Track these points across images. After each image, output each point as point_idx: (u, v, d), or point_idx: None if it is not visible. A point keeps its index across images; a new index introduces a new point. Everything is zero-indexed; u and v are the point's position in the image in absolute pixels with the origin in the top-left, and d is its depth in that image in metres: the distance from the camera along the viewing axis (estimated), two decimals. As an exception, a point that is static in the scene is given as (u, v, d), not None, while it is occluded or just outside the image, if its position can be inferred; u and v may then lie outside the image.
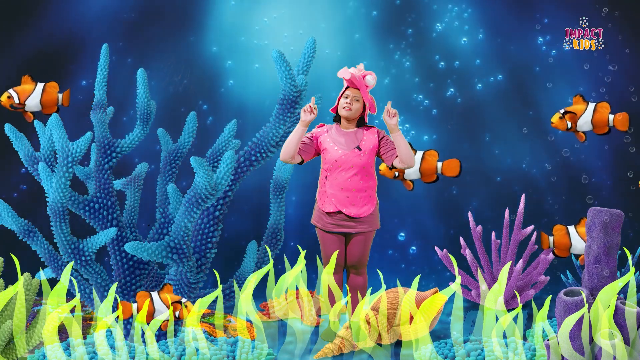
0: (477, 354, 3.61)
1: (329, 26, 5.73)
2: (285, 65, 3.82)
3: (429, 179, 4.45)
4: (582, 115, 4.35)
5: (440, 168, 4.41)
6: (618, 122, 4.34)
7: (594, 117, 4.34)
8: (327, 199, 4.02)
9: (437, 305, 3.80)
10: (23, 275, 3.45)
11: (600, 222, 3.27)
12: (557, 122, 4.40)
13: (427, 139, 5.75)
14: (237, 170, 3.95)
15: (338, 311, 3.90)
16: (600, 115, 4.35)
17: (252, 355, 3.65)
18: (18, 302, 3.40)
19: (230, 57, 5.73)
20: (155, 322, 3.61)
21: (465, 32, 5.71)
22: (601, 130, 4.38)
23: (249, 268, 4.21)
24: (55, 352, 3.50)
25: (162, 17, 5.69)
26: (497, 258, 4.66)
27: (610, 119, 4.35)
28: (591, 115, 4.34)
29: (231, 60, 5.73)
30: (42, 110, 4.10)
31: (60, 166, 3.78)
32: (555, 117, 4.41)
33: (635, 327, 3.19)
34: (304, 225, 4.33)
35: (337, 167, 4.00)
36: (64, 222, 3.81)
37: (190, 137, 4.14)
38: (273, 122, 3.95)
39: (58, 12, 5.58)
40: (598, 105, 4.35)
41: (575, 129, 4.38)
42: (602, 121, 4.35)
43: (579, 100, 4.39)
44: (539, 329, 3.61)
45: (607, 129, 4.38)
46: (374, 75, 3.98)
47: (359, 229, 4.03)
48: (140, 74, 3.98)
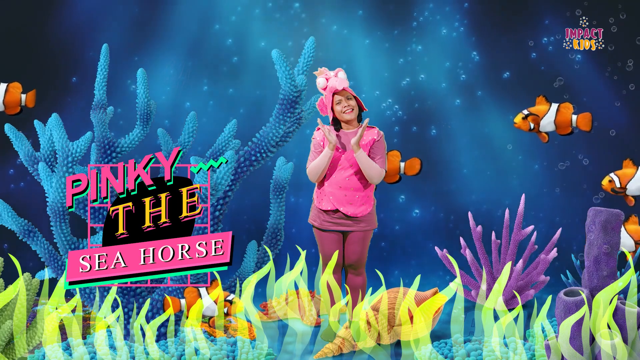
0: (477, 354, 3.61)
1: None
2: (285, 65, 3.82)
3: (564, 131, 4.42)
4: (545, 116, 4.35)
5: (575, 121, 4.37)
6: (581, 122, 4.34)
7: (556, 117, 4.35)
8: (325, 197, 4.02)
9: (437, 305, 3.80)
10: (23, 275, 3.45)
11: (600, 222, 3.27)
12: (519, 123, 4.40)
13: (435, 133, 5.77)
14: (237, 170, 3.95)
15: (338, 311, 3.90)
16: (563, 115, 4.35)
17: (252, 355, 3.65)
18: (18, 302, 3.40)
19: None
20: (155, 322, 3.62)
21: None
22: (564, 130, 4.39)
23: (249, 268, 4.21)
24: (55, 352, 3.50)
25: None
26: (497, 258, 4.66)
27: (574, 119, 4.35)
28: (554, 115, 4.34)
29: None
30: (5, 111, 4.09)
31: (60, 166, 3.79)
32: (518, 118, 4.41)
33: (635, 327, 3.19)
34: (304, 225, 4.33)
35: (336, 166, 4.00)
36: (64, 222, 3.82)
37: (190, 137, 4.14)
38: (273, 122, 3.95)
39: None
40: (561, 105, 4.36)
41: (538, 130, 4.38)
42: (565, 122, 4.36)
43: (542, 101, 4.40)
44: (539, 329, 3.61)
45: (570, 130, 4.39)
46: (342, 69, 4.02)
47: (357, 227, 4.04)
48: (140, 74, 3.98)
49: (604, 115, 5.20)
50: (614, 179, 4.45)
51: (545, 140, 4.42)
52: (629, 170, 4.44)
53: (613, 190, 4.44)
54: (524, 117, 4.36)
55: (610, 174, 4.48)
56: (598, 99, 5.45)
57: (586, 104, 5.28)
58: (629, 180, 4.40)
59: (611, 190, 4.46)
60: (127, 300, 3.83)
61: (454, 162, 5.78)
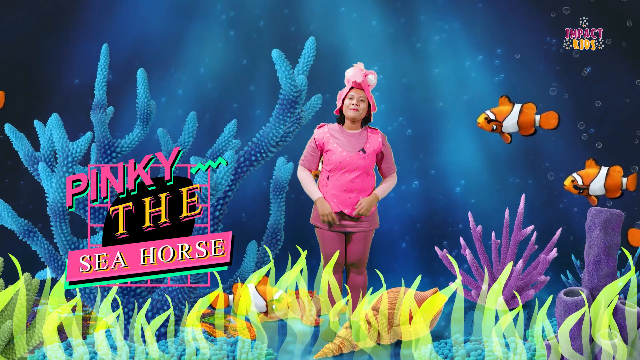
0: (477, 354, 3.61)
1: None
2: (285, 65, 3.82)
3: (527, 132, 4.44)
4: (507, 117, 4.35)
5: (538, 121, 4.38)
6: (545, 122, 4.35)
7: (519, 118, 4.35)
8: (329, 199, 4.02)
9: (437, 305, 3.80)
10: (23, 275, 3.45)
11: (600, 222, 3.27)
12: (482, 124, 4.40)
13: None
14: (237, 170, 3.95)
15: (338, 311, 3.90)
16: (526, 116, 4.35)
17: (252, 355, 3.65)
18: (18, 302, 3.41)
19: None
20: (155, 322, 3.62)
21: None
22: (527, 131, 4.40)
23: (249, 268, 4.21)
24: (55, 352, 3.50)
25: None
26: (497, 258, 4.66)
27: (537, 119, 4.35)
28: (517, 116, 4.35)
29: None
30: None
31: (60, 166, 3.79)
32: (481, 118, 4.41)
33: (635, 327, 3.19)
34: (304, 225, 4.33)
35: (341, 168, 4.00)
36: (64, 222, 3.82)
37: (190, 137, 4.14)
38: (273, 122, 3.95)
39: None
40: (524, 106, 4.36)
41: (501, 131, 4.39)
42: (528, 122, 4.37)
43: (505, 102, 4.40)
44: (539, 329, 3.61)
45: (534, 130, 4.40)
46: (375, 74, 4.00)
47: (359, 227, 4.04)
48: (140, 74, 3.99)
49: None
50: (576, 179, 4.46)
51: (507, 141, 4.43)
52: (592, 170, 4.47)
53: (576, 188, 4.46)
54: (486, 119, 4.36)
55: (573, 174, 4.51)
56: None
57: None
58: (592, 180, 4.42)
59: (574, 189, 4.47)
60: (127, 300, 3.83)
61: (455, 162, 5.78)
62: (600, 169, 4.47)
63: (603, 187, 4.46)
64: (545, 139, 5.66)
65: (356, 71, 3.96)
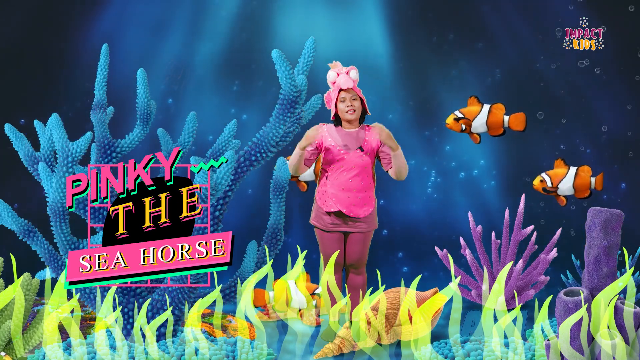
0: (477, 354, 3.61)
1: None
2: (285, 65, 3.81)
3: (496, 132, 4.44)
4: (476, 117, 4.35)
5: (507, 121, 4.38)
6: (513, 123, 4.35)
7: (488, 118, 4.35)
8: (328, 198, 4.02)
9: (437, 305, 3.80)
10: (23, 275, 3.45)
11: (600, 222, 3.27)
12: (451, 124, 4.40)
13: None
14: (237, 170, 3.95)
15: (338, 311, 3.90)
16: (495, 116, 4.36)
17: (252, 355, 3.65)
18: (18, 302, 3.40)
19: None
20: (155, 322, 3.61)
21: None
22: (496, 132, 4.40)
23: (249, 268, 4.20)
24: (55, 352, 3.50)
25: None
26: (497, 258, 4.66)
27: (506, 120, 4.35)
28: (486, 117, 4.35)
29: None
30: None
31: (60, 166, 3.79)
32: (450, 119, 4.41)
33: (635, 327, 3.19)
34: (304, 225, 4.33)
35: (339, 167, 4.01)
36: (64, 222, 3.82)
37: (190, 137, 4.14)
38: (273, 122, 3.95)
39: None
40: (493, 106, 4.37)
41: (470, 131, 4.39)
42: (497, 123, 4.37)
43: (474, 102, 4.40)
44: (539, 329, 3.61)
45: (503, 131, 4.40)
46: (355, 69, 4.00)
47: (358, 228, 4.04)
48: (140, 74, 3.98)
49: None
50: (545, 179, 4.46)
51: (477, 142, 4.43)
52: (561, 170, 4.47)
53: (544, 190, 4.46)
54: (455, 119, 4.37)
55: (542, 174, 4.51)
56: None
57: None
58: (561, 180, 4.43)
59: (542, 190, 4.47)
60: (127, 300, 3.83)
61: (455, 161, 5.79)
62: (569, 169, 4.47)
63: (572, 187, 4.46)
64: (546, 138, 5.67)
65: (344, 79, 3.95)
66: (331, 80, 4.01)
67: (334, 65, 4.02)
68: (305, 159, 4.05)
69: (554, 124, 5.64)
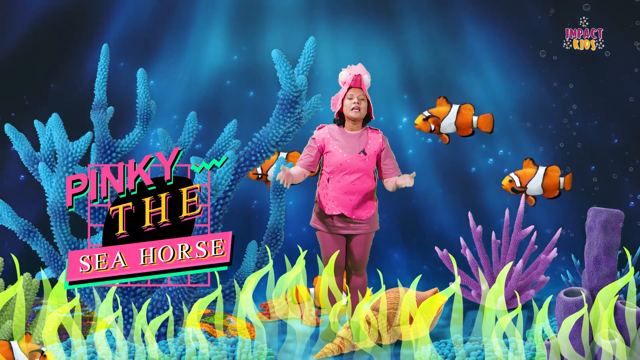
0: (477, 354, 3.61)
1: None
2: (285, 65, 3.81)
3: (464, 133, 4.44)
4: (445, 117, 4.35)
5: (475, 122, 4.38)
6: (482, 123, 4.35)
7: (457, 119, 4.35)
8: (330, 201, 4.02)
9: (437, 305, 3.80)
10: (23, 275, 3.45)
11: (600, 222, 3.27)
12: (420, 124, 4.41)
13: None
14: (237, 170, 3.95)
15: (338, 311, 3.90)
16: (463, 117, 4.36)
17: (252, 355, 3.65)
18: (18, 302, 3.41)
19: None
20: (155, 322, 3.62)
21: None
22: (465, 132, 4.41)
23: (249, 268, 4.20)
24: (55, 352, 3.50)
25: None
26: (497, 258, 4.66)
27: (474, 120, 4.35)
28: (455, 117, 4.35)
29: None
30: None
31: (60, 166, 3.79)
32: (419, 119, 4.41)
33: (635, 327, 3.19)
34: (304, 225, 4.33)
35: (342, 170, 3.99)
36: (64, 222, 3.82)
37: (190, 137, 4.14)
38: (273, 122, 3.95)
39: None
40: (462, 107, 4.37)
41: (439, 131, 4.39)
42: (466, 123, 4.38)
43: (443, 102, 4.40)
44: (539, 329, 3.61)
45: (471, 131, 4.40)
46: (368, 74, 4.00)
47: (360, 230, 4.03)
48: (140, 74, 3.98)
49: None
50: (514, 179, 4.47)
51: (445, 142, 4.44)
52: (529, 170, 4.47)
53: (513, 190, 4.47)
54: (424, 119, 4.37)
55: (510, 174, 4.51)
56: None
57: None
58: (529, 180, 4.43)
59: (511, 189, 4.47)
60: (127, 300, 3.83)
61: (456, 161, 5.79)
62: (538, 168, 4.47)
63: (541, 187, 4.46)
64: (545, 139, 5.67)
65: (353, 75, 3.96)
66: (342, 79, 4.00)
67: (349, 68, 4.02)
68: (309, 163, 4.06)
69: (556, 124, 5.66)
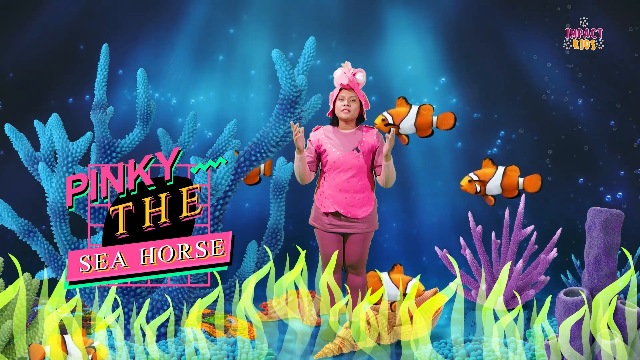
0: (477, 354, 3.61)
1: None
2: (285, 65, 3.82)
3: (424, 133, 4.42)
4: (404, 119, 4.35)
5: (435, 122, 4.38)
6: (442, 123, 4.35)
7: (417, 119, 4.34)
8: (326, 199, 4.03)
9: (437, 305, 3.80)
10: (23, 275, 3.45)
11: (600, 222, 3.27)
12: (379, 125, 4.40)
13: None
14: (237, 170, 3.95)
15: (338, 311, 3.90)
16: (423, 117, 4.35)
17: (252, 355, 3.65)
18: (18, 302, 3.40)
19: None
20: (155, 322, 3.61)
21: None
22: (424, 132, 4.40)
23: (249, 268, 4.21)
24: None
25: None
26: (497, 258, 4.66)
27: (434, 120, 4.35)
28: (414, 118, 4.34)
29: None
30: None
31: (60, 166, 3.79)
32: (378, 119, 4.41)
33: (635, 327, 3.19)
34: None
35: (335, 168, 4.01)
36: (64, 222, 3.82)
37: (190, 137, 4.14)
38: (273, 122, 3.95)
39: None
40: (421, 107, 4.36)
41: (398, 132, 4.39)
42: (426, 124, 4.37)
43: (402, 103, 4.40)
44: (539, 329, 3.61)
45: (431, 132, 4.40)
46: (363, 72, 4.00)
47: (358, 229, 4.04)
48: (140, 74, 3.98)
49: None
50: (473, 179, 4.46)
51: (405, 143, 4.43)
52: (489, 169, 4.46)
53: (476, 191, 4.47)
54: (383, 119, 4.37)
55: (470, 174, 4.50)
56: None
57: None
58: (489, 179, 4.42)
59: (475, 192, 4.47)
60: (127, 300, 3.83)
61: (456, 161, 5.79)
62: (497, 168, 4.47)
63: (499, 186, 4.46)
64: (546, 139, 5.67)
65: (343, 72, 3.96)
66: (335, 79, 4.01)
67: (345, 65, 4.02)
68: (308, 163, 4.05)
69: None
